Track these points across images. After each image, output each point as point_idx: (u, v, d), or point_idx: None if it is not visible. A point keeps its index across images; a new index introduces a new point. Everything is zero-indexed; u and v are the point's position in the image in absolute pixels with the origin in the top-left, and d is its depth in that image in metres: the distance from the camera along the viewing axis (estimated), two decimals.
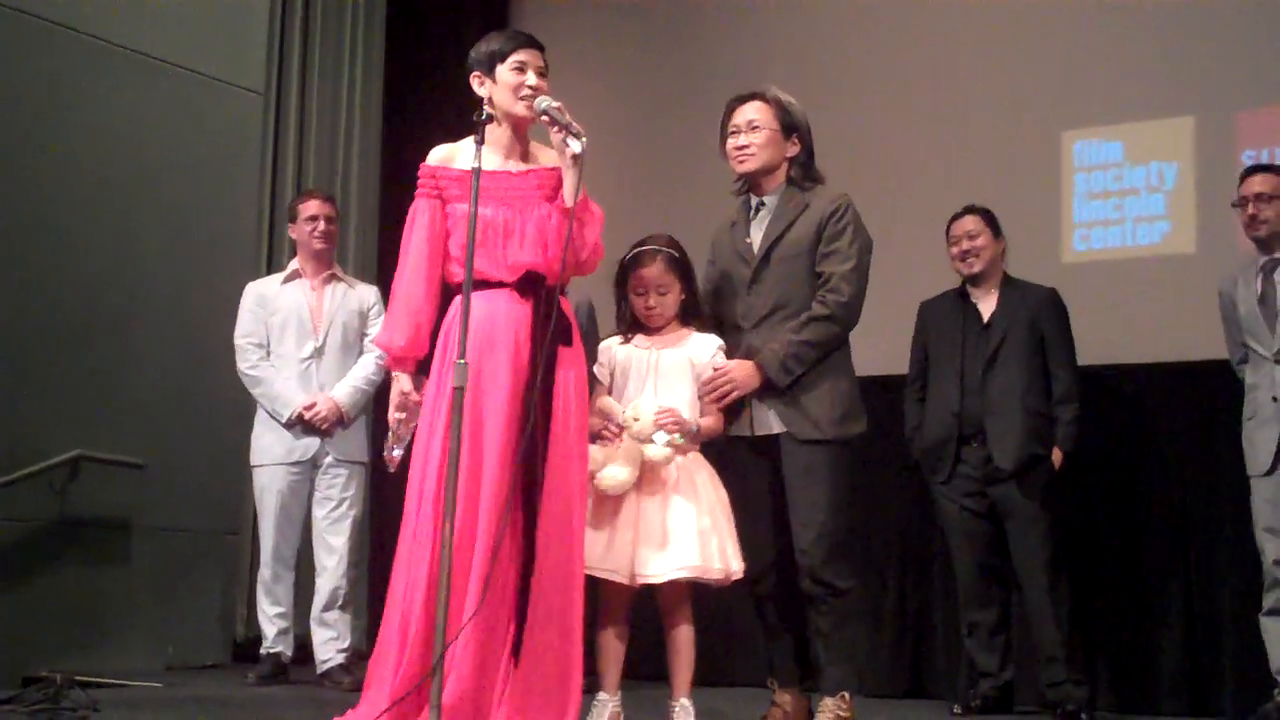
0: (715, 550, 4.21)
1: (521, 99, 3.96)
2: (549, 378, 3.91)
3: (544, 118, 3.92)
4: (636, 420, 4.22)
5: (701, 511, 4.22)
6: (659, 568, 4.16)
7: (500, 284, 3.93)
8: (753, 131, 4.51)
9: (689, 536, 4.18)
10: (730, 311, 4.53)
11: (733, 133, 4.56)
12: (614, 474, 4.14)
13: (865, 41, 7.16)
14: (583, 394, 4.05)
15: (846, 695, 4.41)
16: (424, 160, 4.10)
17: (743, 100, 4.59)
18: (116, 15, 6.16)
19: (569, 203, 3.91)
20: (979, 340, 5.72)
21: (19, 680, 4.89)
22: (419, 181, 4.07)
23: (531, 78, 3.98)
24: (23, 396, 5.69)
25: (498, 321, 3.89)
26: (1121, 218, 6.45)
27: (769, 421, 4.42)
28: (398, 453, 4.08)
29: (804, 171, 4.56)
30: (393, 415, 4.05)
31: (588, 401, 4.11)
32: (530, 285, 3.93)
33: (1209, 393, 6.04)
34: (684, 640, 4.29)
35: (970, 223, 5.82)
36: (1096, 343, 6.01)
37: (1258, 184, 5.40)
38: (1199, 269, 6.23)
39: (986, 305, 5.77)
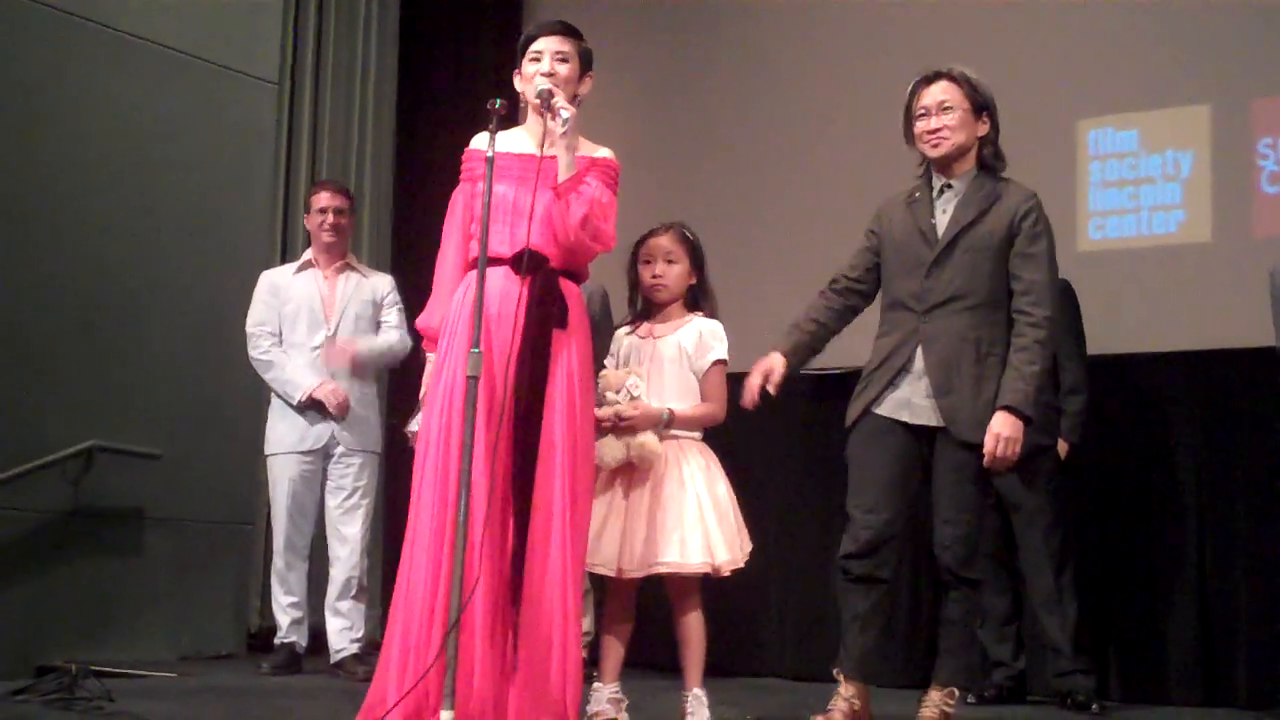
0: (698, 545, 4.16)
1: (534, 86, 3.95)
2: (541, 361, 3.86)
3: (536, 100, 3.91)
4: (617, 391, 4.23)
5: (687, 504, 4.19)
6: (640, 562, 4.16)
7: (502, 261, 3.89)
8: (944, 113, 4.34)
9: (671, 531, 4.16)
10: (900, 290, 4.36)
11: (921, 115, 4.38)
12: (643, 443, 4.15)
13: (878, 29, 7.13)
14: (585, 380, 3.97)
15: (955, 691, 4.32)
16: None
17: (929, 81, 4.41)
18: (132, 6, 6.18)
19: (559, 180, 3.90)
20: None
21: (34, 670, 4.92)
22: (462, 165, 4.08)
23: (544, 64, 3.96)
24: (37, 387, 5.70)
25: (492, 299, 3.83)
26: (1137, 206, 6.42)
27: (927, 414, 4.26)
28: (417, 426, 4.06)
29: (994, 150, 4.41)
30: (423, 392, 4.02)
31: (591, 388, 4.04)
32: (526, 264, 3.87)
33: (1225, 382, 6.03)
34: (693, 630, 4.27)
35: None
36: (1112, 332, 6.00)
37: None
38: (1214, 258, 6.20)
39: None
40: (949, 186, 4.38)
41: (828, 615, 6.59)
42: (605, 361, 4.44)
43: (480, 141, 4.01)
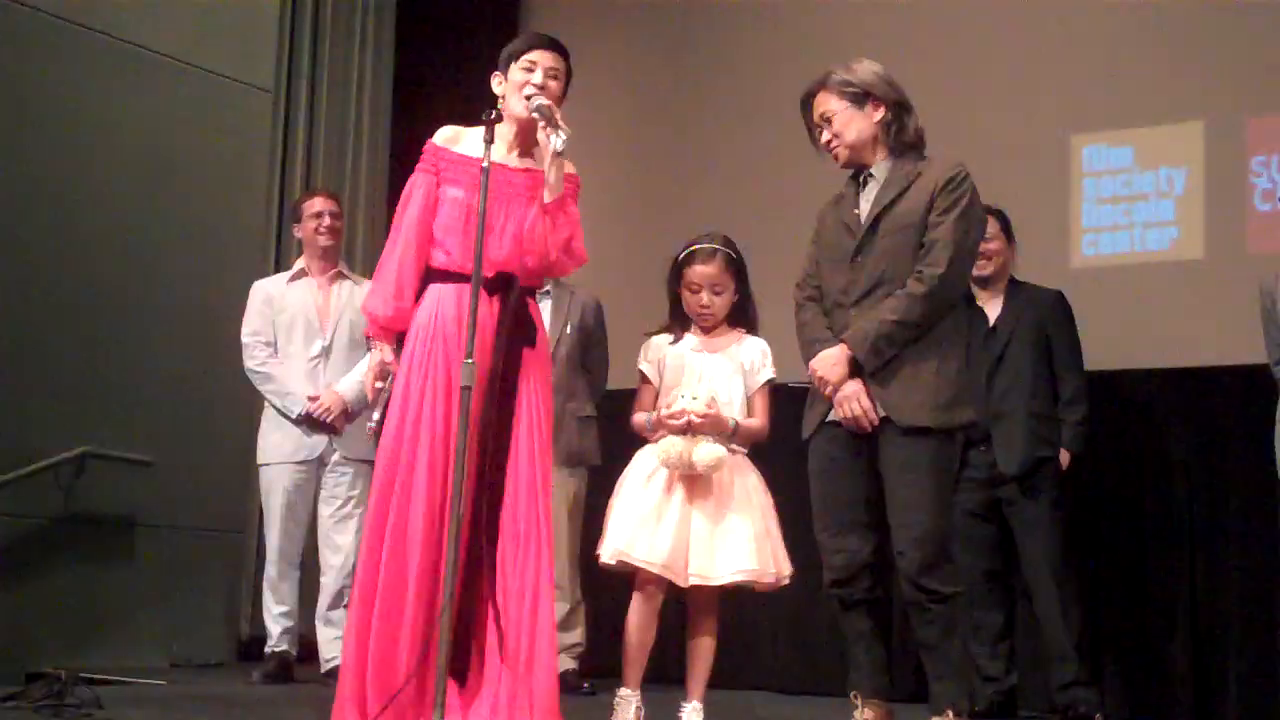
0: (770, 555, 4.20)
1: (525, 97, 3.92)
2: (511, 381, 3.87)
3: (535, 114, 3.89)
4: (696, 399, 4.21)
5: (755, 516, 4.21)
6: (718, 570, 4.14)
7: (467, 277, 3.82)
8: (828, 123, 4.28)
9: (745, 540, 4.16)
10: (832, 287, 4.25)
11: (818, 130, 4.34)
12: (711, 451, 4.14)
13: (874, 45, 7.09)
14: (547, 399, 4.00)
15: (951, 714, 4.11)
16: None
17: (808, 99, 4.35)
18: (128, 13, 6.17)
19: (546, 199, 3.90)
20: (985, 344, 5.67)
21: (23, 677, 4.89)
22: (422, 156, 4.05)
23: (537, 76, 3.95)
24: (30, 393, 5.69)
25: (464, 319, 3.77)
26: (1130, 223, 6.43)
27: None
28: (376, 419, 4.07)
29: (899, 127, 4.25)
30: (371, 384, 4.02)
31: (551, 407, 4.07)
32: (499, 285, 3.89)
33: (1217, 398, 6.03)
34: (706, 646, 4.28)
35: (988, 226, 5.64)
36: (1104, 348, 5.99)
37: None
38: (1207, 275, 6.21)
39: (993, 309, 5.74)
40: (871, 175, 4.30)
41: (819, 628, 6.58)
42: (641, 367, 4.42)
43: (442, 136, 4.02)
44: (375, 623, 3.78)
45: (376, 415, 4.07)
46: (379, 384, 4.00)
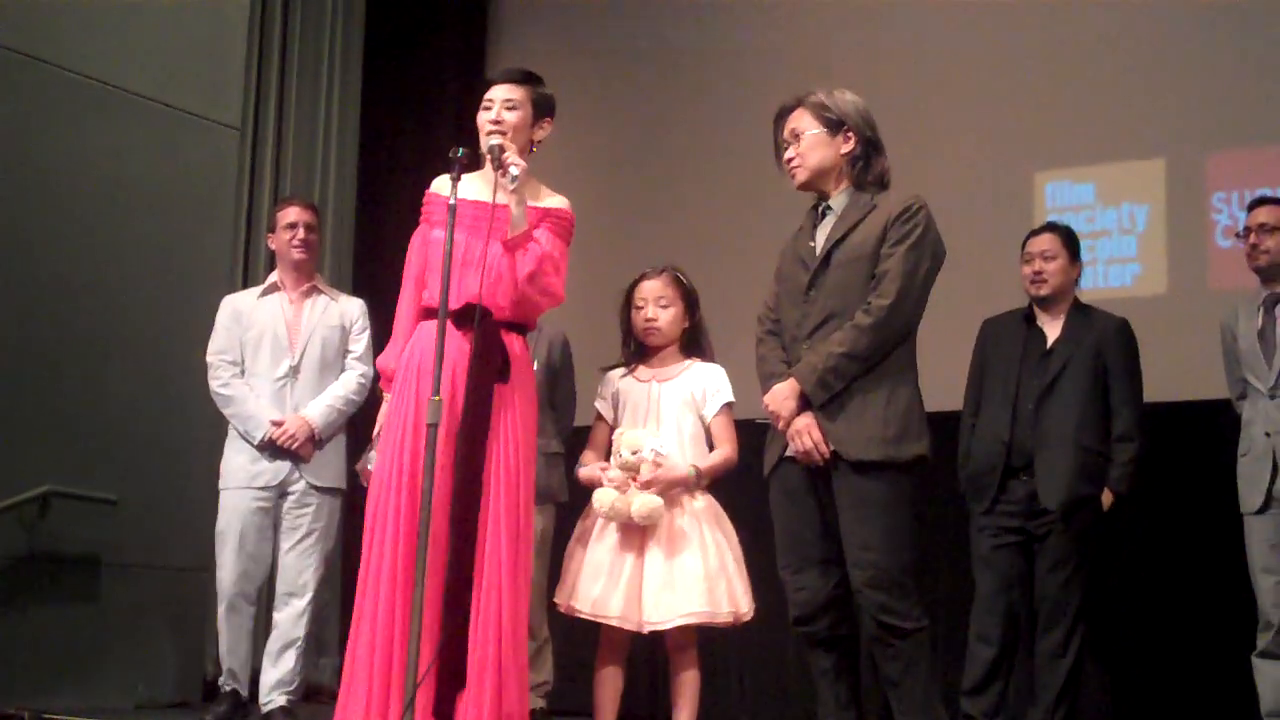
0: (724, 593, 4.18)
1: (486, 135, 4.01)
2: (483, 415, 3.87)
3: (487, 154, 3.97)
4: (636, 453, 4.21)
5: (708, 554, 4.19)
6: (667, 613, 4.14)
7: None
8: (796, 141, 4.24)
9: (696, 581, 4.14)
10: (789, 321, 4.22)
11: (784, 147, 4.30)
12: (646, 502, 4.14)
13: (839, 81, 7.18)
14: (528, 434, 4.00)
15: None
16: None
17: (783, 113, 4.32)
18: (95, 50, 6.15)
19: (509, 234, 3.94)
20: (1038, 366, 5.40)
21: None
22: (422, 208, 4.13)
23: (493, 113, 4.02)
24: None
25: (433, 353, 3.78)
26: (1093, 259, 6.48)
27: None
28: (371, 467, 4.10)
29: (865, 165, 4.23)
30: (378, 430, 4.07)
31: (533, 442, 4.05)
32: (468, 317, 3.88)
33: (1179, 434, 6.04)
34: (690, 684, 4.27)
35: (1046, 241, 5.52)
36: None
37: (1262, 215, 5.25)
38: (1170, 311, 6.26)
39: (1052, 330, 5.47)
40: (829, 208, 4.26)
41: (787, 664, 6.58)
42: (596, 404, 4.44)
43: (440, 185, 4.07)
44: (360, 664, 3.79)
45: (373, 460, 4.09)
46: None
